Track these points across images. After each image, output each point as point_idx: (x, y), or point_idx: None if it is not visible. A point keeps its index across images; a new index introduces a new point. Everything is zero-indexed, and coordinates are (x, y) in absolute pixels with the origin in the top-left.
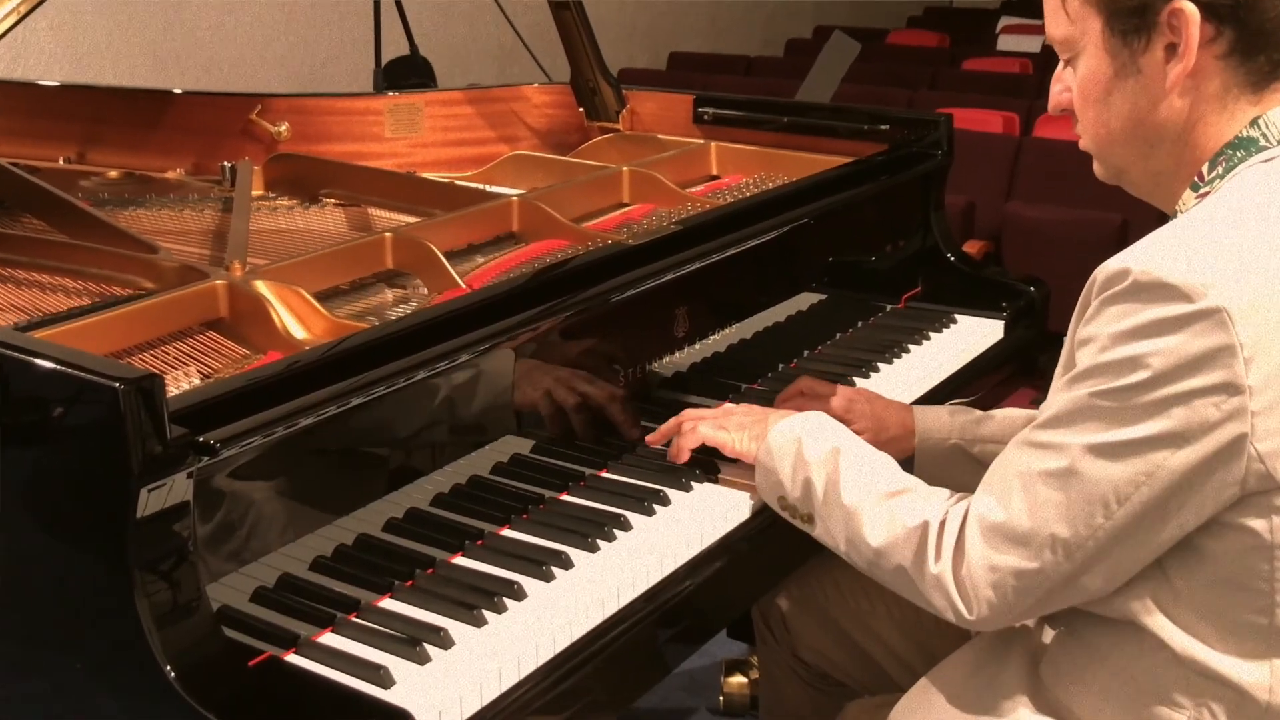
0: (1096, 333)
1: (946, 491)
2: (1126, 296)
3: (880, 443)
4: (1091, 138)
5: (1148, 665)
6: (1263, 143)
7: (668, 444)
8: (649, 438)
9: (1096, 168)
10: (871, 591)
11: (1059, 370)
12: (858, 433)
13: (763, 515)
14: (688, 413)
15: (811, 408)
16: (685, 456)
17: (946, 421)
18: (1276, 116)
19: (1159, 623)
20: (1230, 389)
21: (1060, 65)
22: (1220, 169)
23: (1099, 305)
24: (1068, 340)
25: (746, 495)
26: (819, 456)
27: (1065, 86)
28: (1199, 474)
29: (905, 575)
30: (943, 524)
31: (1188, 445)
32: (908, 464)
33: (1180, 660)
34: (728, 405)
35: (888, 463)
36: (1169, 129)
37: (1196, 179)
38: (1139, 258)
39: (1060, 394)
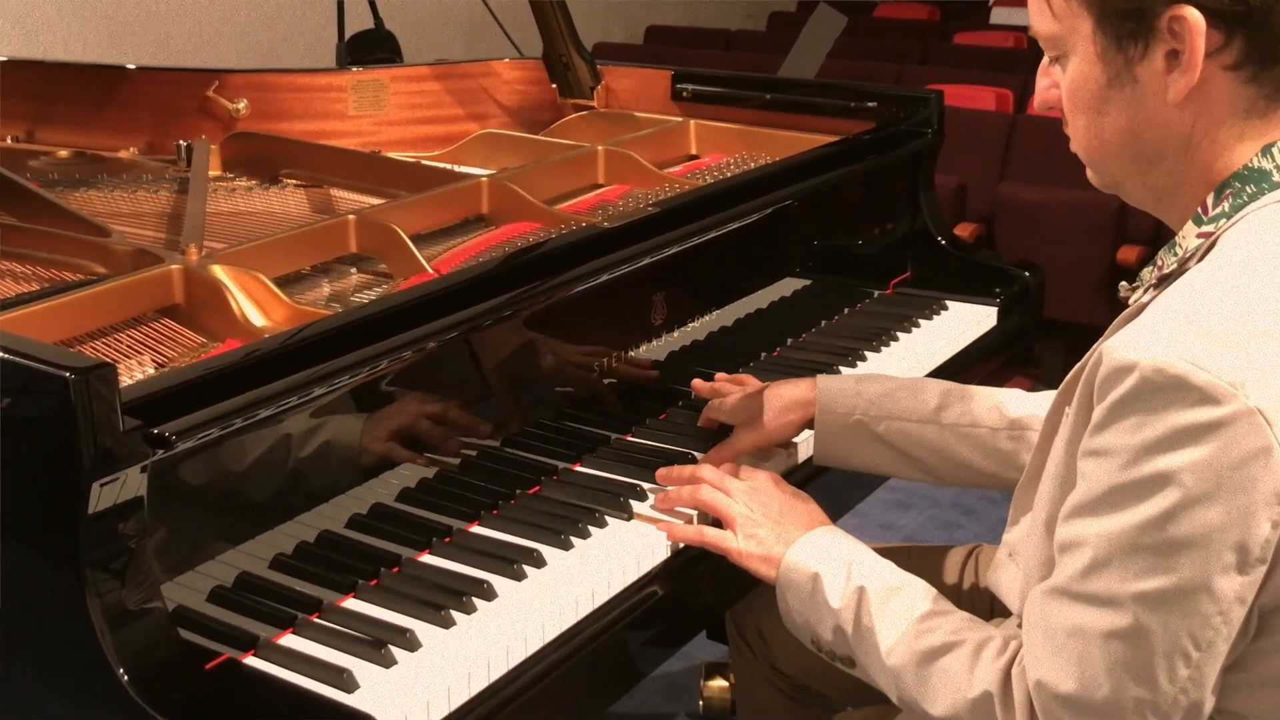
0: (1111, 445)
1: (997, 640)
2: (1140, 400)
3: (773, 414)
4: (1083, 147)
5: None
6: (1276, 176)
7: (649, 439)
8: (659, 473)
9: (1090, 176)
10: None
11: (1057, 460)
12: (745, 425)
13: None
14: (707, 471)
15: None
16: (674, 539)
17: (851, 394)
18: None
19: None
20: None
21: (1046, 59)
22: (1226, 205)
23: (1108, 412)
24: (1065, 429)
25: None
26: (842, 602)
27: (1053, 83)
28: (1269, 591)
29: None
30: (1005, 694)
31: (1250, 570)
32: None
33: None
34: (745, 481)
35: (918, 596)
36: (1169, 146)
37: (1200, 210)
38: (1145, 348)
39: (1084, 522)
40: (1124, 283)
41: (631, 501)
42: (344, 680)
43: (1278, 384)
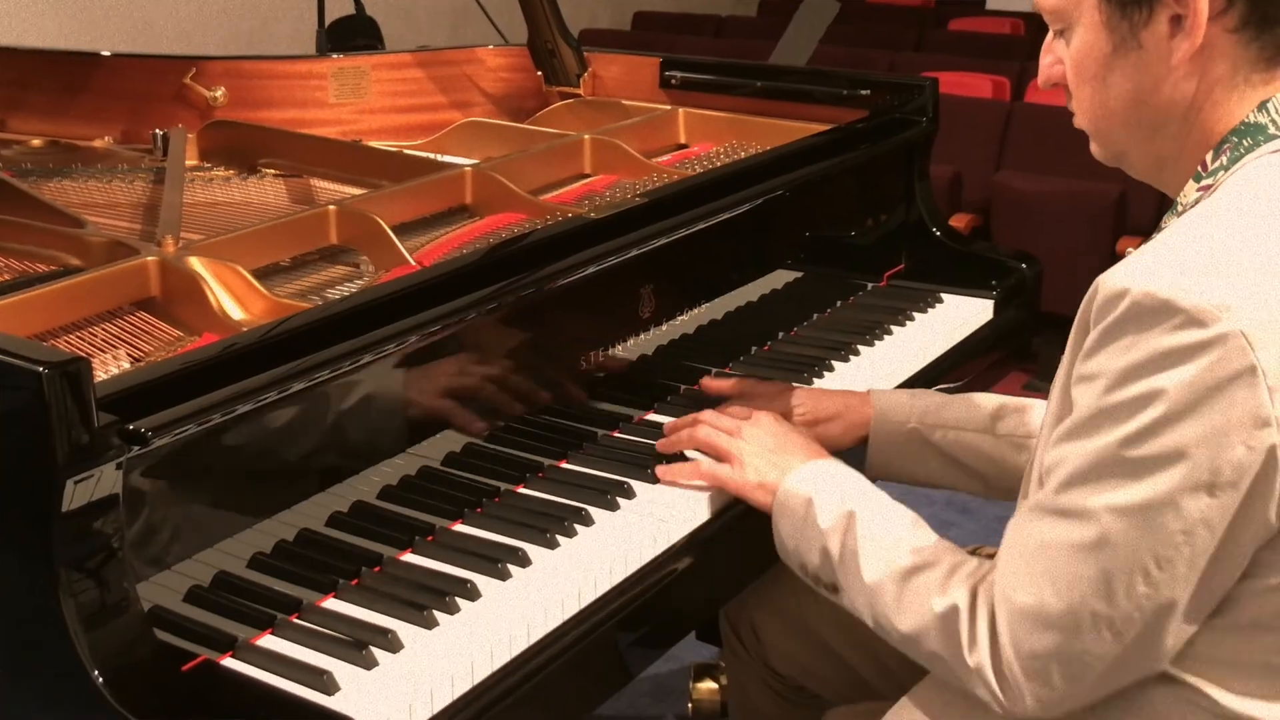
0: (1099, 369)
1: (973, 561)
2: (1129, 324)
3: (821, 422)
4: (1088, 117)
5: (1174, 714)
6: (1271, 130)
7: (637, 435)
8: (666, 426)
9: (1094, 148)
10: None
11: (1055, 395)
12: (799, 418)
13: (733, 510)
14: (707, 414)
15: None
16: (674, 479)
17: (906, 404)
18: None
19: (1184, 671)
20: (1258, 422)
21: (1050, 35)
22: (1225, 159)
23: (1099, 336)
24: (1064, 362)
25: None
26: (832, 523)
27: (1056, 59)
28: (1238, 521)
29: (942, 662)
30: (973, 609)
31: (1221, 492)
32: (856, 453)
33: (1213, 711)
34: (743, 418)
35: (907, 522)
36: (1173, 111)
37: (1200, 168)
38: (1140, 275)
39: (1066, 445)
40: None
41: (619, 499)
42: (324, 682)
43: (1263, 309)
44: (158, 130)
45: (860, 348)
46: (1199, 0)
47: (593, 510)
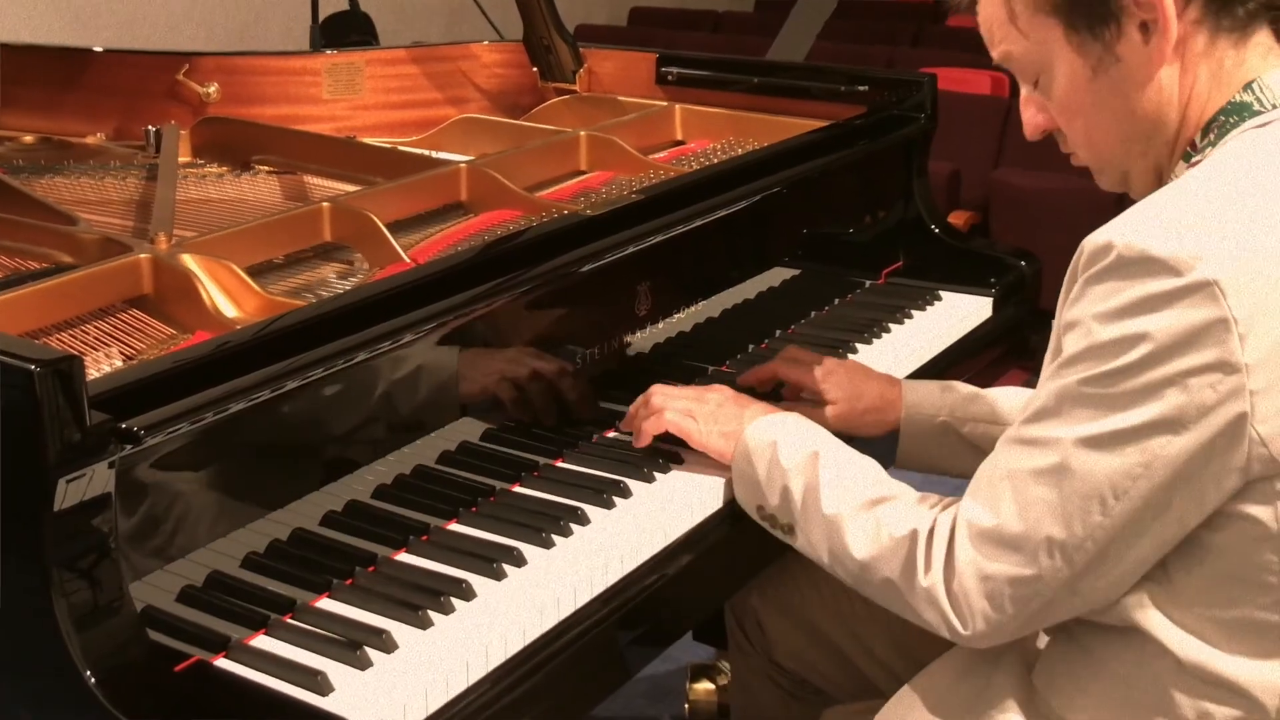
0: (1081, 315)
1: (935, 497)
2: (1111, 274)
3: (855, 414)
4: (1087, 149)
5: (1149, 673)
6: (1256, 107)
7: (633, 434)
8: (621, 424)
9: (1101, 180)
10: (853, 590)
11: (1048, 356)
12: (831, 404)
13: (733, 508)
14: (656, 388)
15: (791, 374)
16: (647, 440)
17: (936, 397)
18: (1272, 81)
19: (1160, 626)
20: (1226, 367)
21: (1024, 89)
22: (1212, 136)
23: (1083, 285)
24: (1056, 322)
25: (715, 486)
26: (796, 462)
27: (1038, 107)
28: (1198, 461)
29: (894, 589)
30: (931, 532)
31: (1185, 431)
32: (888, 441)
33: (1184, 667)
34: (699, 388)
35: (870, 467)
36: (1165, 113)
37: (1189, 148)
38: (1122, 230)
39: (1045, 384)
40: None
41: (615, 498)
42: (318, 683)
43: (1236, 259)
44: (150, 126)
45: (858, 346)
46: (1164, 3)
47: (589, 509)
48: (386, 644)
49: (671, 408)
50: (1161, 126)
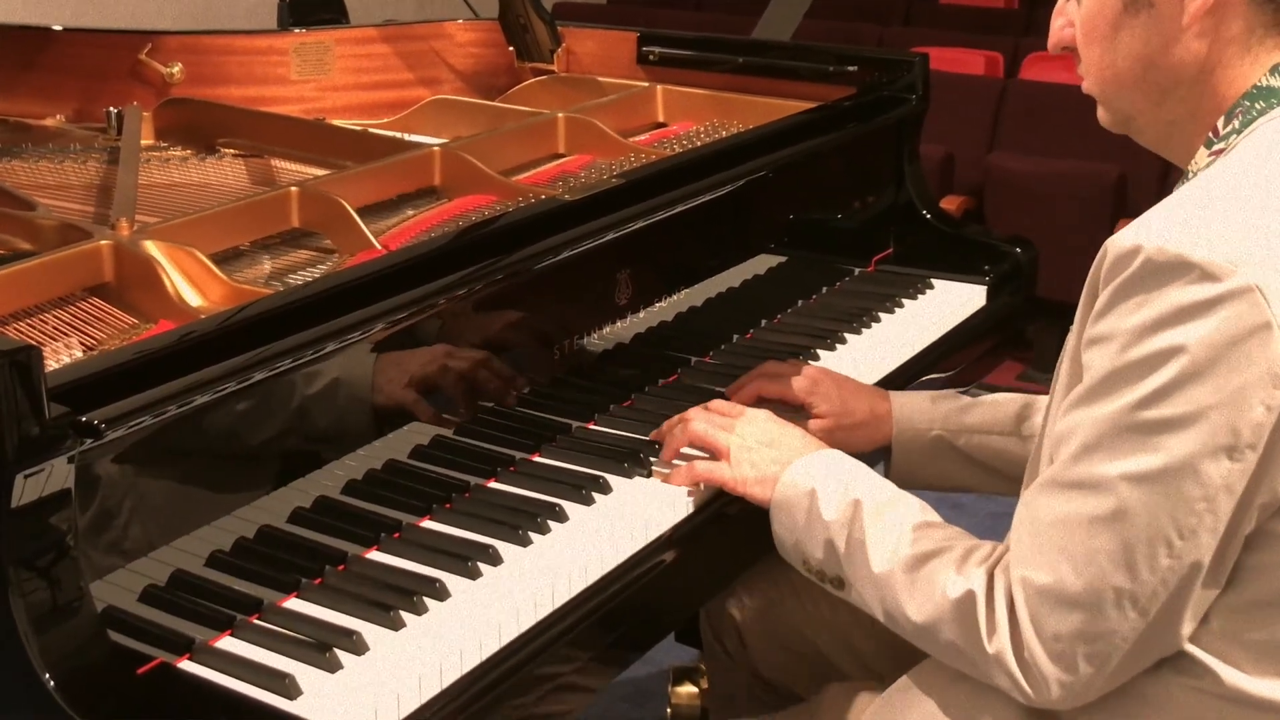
0: (1112, 330)
1: (986, 546)
2: (1142, 282)
3: (845, 429)
4: (1096, 80)
5: (1183, 698)
6: None
7: (614, 427)
8: (653, 434)
9: (1101, 114)
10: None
11: (1064, 372)
12: (820, 417)
13: (715, 506)
14: (695, 415)
15: (773, 390)
16: (670, 457)
17: (928, 410)
18: None
19: (1194, 651)
20: (1276, 380)
21: None
22: (1237, 123)
23: (1110, 296)
24: (1074, 329)
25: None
26: (837, 514)
27: (1068, 21)
28: (1253, 486)
29: (959, 653)
30: (990, 594)
31: (1241, 456)
32: (879, 455)
33: (1221, 693)
34: (738, 412)
35: (914, 509)
36: (1184, 73)
37: (1211, 134)
38: (1150, 233)
39: (1078, 412)
40: None
41: (594, 494)
42: (286, 686)
43: (1276, 263)
44: (112, 108)
45: (847, 336)
46: None
47: (567, 506)
48: (357, 646)
49: (709, 436)
50: (1179, 86)
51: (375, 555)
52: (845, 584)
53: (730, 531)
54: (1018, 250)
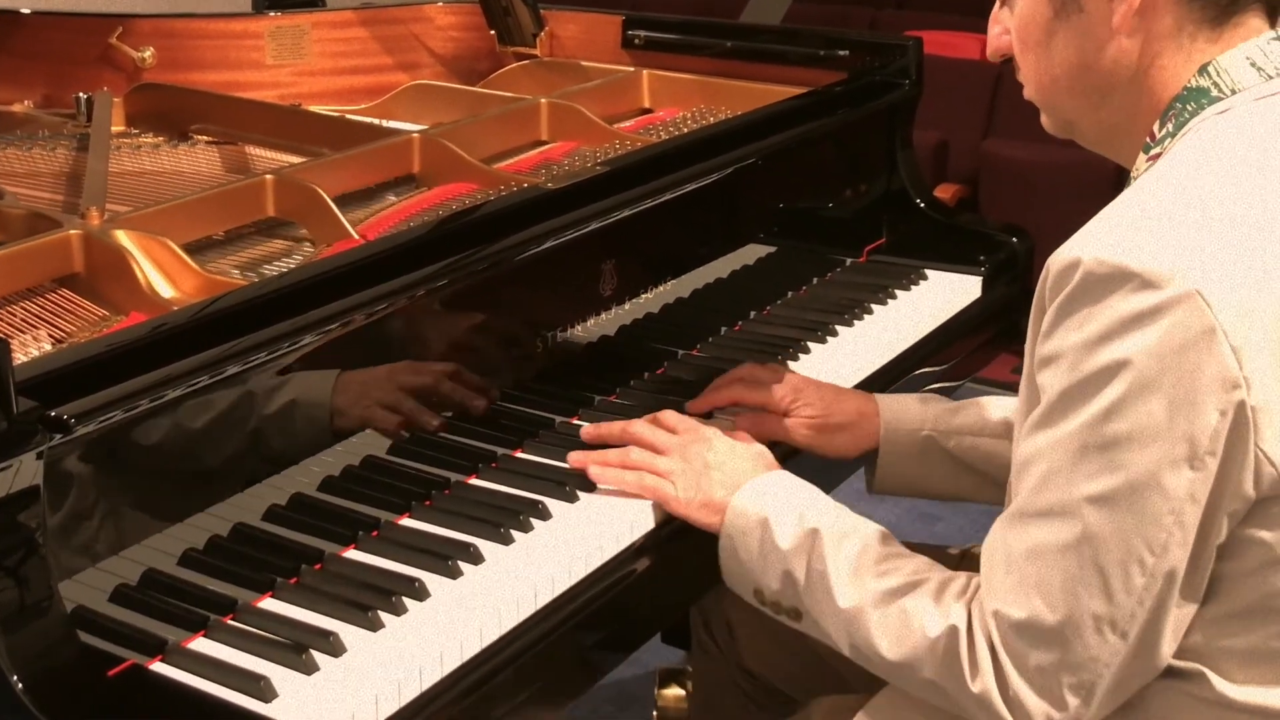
0: (1060, 347)
1: (961, 578)
2: (1084, 295)
3: (831, 430)
4: (1035, 87)
5: (1179, 705)
6: (1214, 93)
7: (598, 422)
8: (583, 431)
9: (1044, 120)
10: None
11: (1022, 395)
12: (805, 420)
13: None
14: (636, 425)
15: (753, 398)
16: (602, 480)
17: (918, 410)
18: (1227, 62)
19: (1183, 663)
20: (1226, 384)
21: (997, 4)
22: (1170, 126)
23: (1055, 314)
24: (1027, 350)
25: None
26: (793, 543)
27: (1004, 29)
28: (1219, 492)
29: (939, 692)
30: (971, 631)
31: (1202, 464)
32: (860, 462)
33: (1216, 700)
34: (691, 426)
35: (875, 538)
36: (1119, 75)
37: (1148, 139)
38: (1089, 244)
39: (1037, 436)
40: None
41: (579, 491)
42: (261, 688)
43: (1217, 267)
44: (81, 94)
45: (838, 328)
46: None
47: (550, 503)
48: (334, 647)
49: (648, 464)
50: (1115, 89)
51: (353, 554)
52: (802, 615)
53: None
54: (1013, 240)
